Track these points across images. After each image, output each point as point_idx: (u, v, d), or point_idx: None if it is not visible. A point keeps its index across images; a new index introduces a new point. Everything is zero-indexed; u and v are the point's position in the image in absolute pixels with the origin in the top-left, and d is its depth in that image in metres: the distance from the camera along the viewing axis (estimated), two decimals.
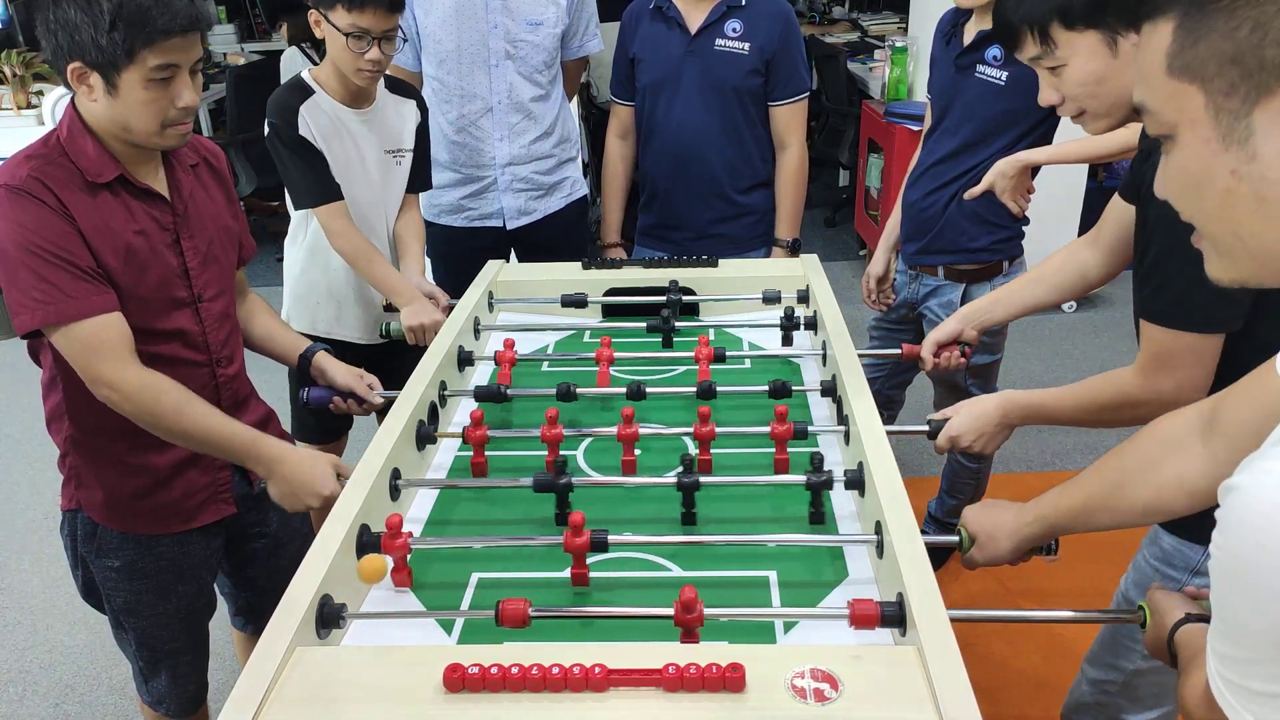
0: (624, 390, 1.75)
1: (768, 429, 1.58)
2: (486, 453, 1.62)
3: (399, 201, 2.33)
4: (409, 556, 1.33)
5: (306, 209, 2.19)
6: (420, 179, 2.37)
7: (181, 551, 1.69)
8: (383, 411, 1.62)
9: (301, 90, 2.13)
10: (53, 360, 1.55)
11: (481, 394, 1.77)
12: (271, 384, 2.28)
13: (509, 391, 1.78)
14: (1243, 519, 0.66)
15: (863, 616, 1.15)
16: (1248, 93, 0.66)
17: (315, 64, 2.26)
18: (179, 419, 1.50)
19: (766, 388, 1.74)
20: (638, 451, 1.62)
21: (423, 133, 2.34)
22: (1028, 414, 1.59)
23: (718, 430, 1.59)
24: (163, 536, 1.67)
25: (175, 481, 1.62)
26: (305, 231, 2.28)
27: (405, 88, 2.33)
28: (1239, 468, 0.69)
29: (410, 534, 1.33)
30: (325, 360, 1.86)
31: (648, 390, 1.76)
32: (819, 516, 1.46)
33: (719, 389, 1.75)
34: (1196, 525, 1.30)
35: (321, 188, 2.14)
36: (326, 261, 2.27)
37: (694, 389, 1.75)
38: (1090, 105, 1.42)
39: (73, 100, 1.50)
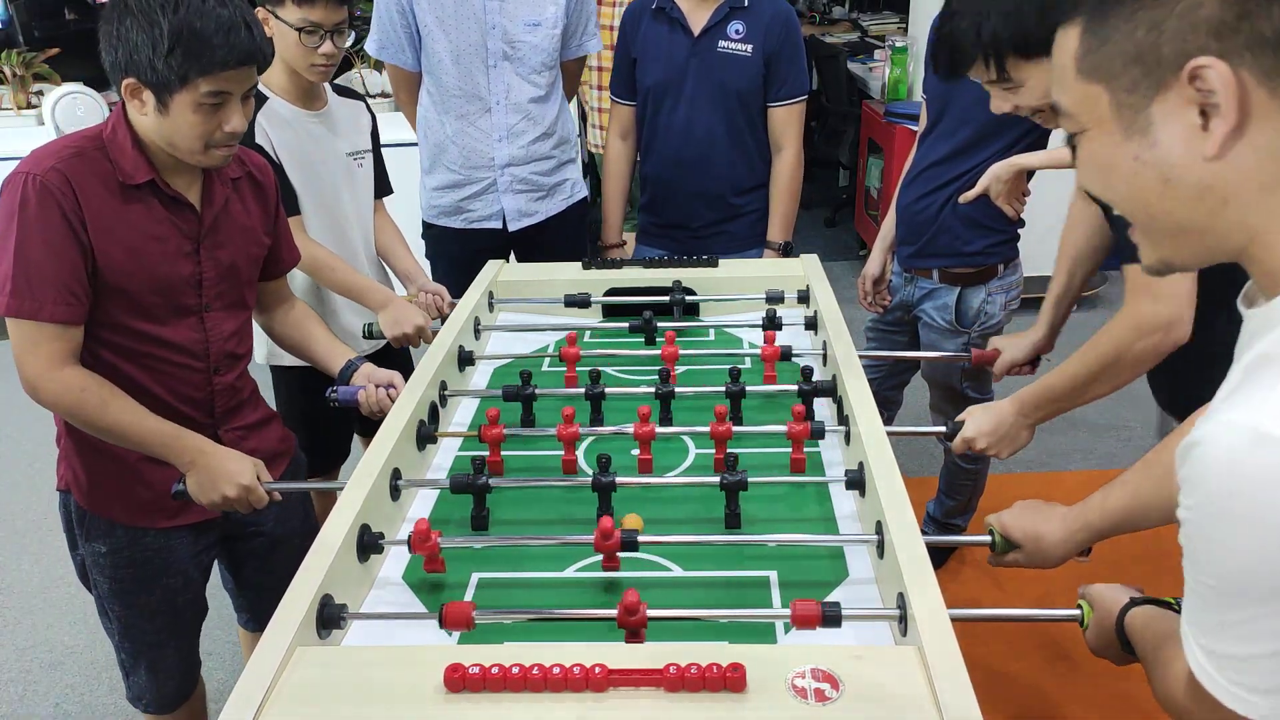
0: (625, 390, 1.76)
1: (784, 428, 1.58)
2: (502, 452, 1.62)
3: (369, 206, 2.32)
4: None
5: None
6: (382, 184, 2.37)
7: (166, 545, 1.68)
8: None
9: (255, 97, 2.10)
10: None
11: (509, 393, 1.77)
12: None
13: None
14: (1208, 472, 0.68)
15: (804, 617, 1.15)
16: (1147, 89, 0.72)
17: None
18: (103, 415, 1.49)
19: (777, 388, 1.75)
20: (634, 451, 1.62)
21: (375, 136, 2.33)
22: (1040, 403, 1.61)
23: (734, 430, 1.59)
24: (147, 528, 1.66)
25: (151, 475, 1.61)
26: None
27: (351, 92, 2.32)
28: (1195, 425, 0.70)
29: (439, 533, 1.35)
30: (369, 369, 1.84)
31: (641, 390, 1.76)
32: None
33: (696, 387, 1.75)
34: None
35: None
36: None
37: (709, 389, 1.76)
38: (1047, 117, 1.46)
39: (123, 103, 1.51)
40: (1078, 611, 1.18)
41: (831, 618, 1.15)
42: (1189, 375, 1.46)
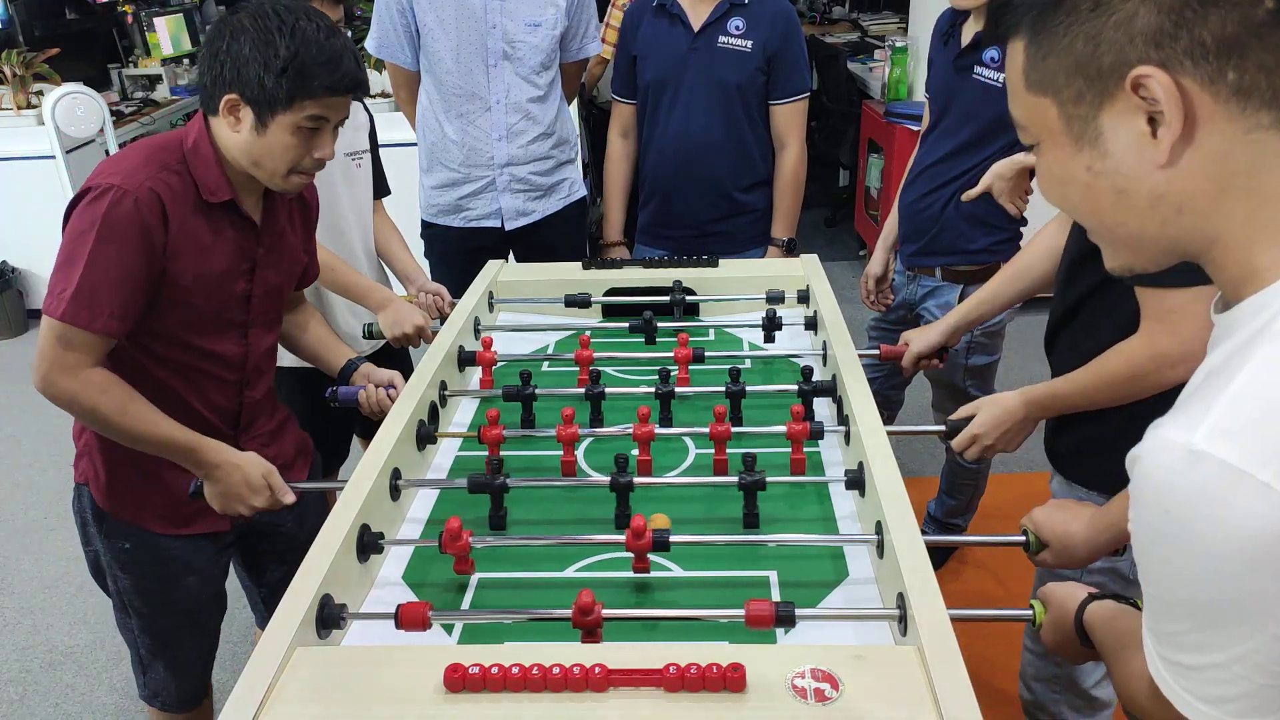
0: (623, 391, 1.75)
1: (784, 429, 1.58)
2: (502, 452, 1.62)
3: (368, 206, 2.32)
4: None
5: None
6: (380, 184, 2.37)
7: (190, 545, 1.69)
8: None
9: None
10: None
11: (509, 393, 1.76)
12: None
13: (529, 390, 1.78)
14: (1146, 488, 0.68)
15: (758, 618, 1.15)
16: (1093, 99, 0.71)
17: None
18: (121, 418, 1.48)
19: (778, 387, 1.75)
20: (633, 452, 1.62)
21: (373, 137, 2.33)
22: (1047, 405, 1.60)
23: (733, 431, 1.59)
24: (163, 534, 1.66)
25: (173, 481, 1.61)
26: None
27: None
28: (1145, 436, 0.70)
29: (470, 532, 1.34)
30: (369, 369, 1.85)
31: (639, 390, 1.76)
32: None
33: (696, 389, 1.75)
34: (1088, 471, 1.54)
35: None
36: None
37: (709, 389, 1.75)
38: None
39: (206, 118, 1.52)
40: (1029, 612, 1.19)
41: (785, 617, 1.15)
42: None
